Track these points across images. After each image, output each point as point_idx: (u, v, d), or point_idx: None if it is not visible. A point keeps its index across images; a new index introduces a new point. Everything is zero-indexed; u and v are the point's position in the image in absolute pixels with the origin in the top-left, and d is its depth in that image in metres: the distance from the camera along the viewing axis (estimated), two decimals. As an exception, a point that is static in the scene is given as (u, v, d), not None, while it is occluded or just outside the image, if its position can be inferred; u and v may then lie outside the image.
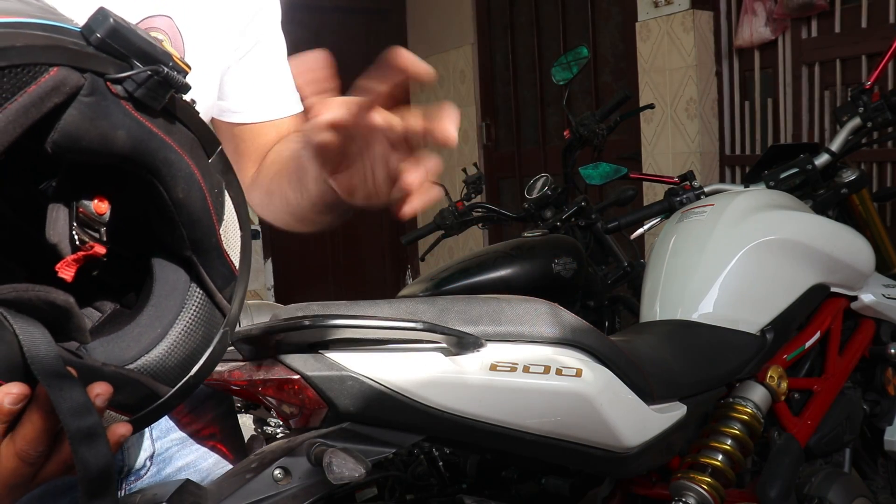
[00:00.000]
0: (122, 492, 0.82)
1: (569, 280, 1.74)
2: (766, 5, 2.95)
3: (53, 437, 0.49)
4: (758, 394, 1.27)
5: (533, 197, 2.07)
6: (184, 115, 0.51)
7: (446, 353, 0.88)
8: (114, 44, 0.46)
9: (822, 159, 1.65)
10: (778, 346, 1.33)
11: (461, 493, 1.31)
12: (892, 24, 2.65)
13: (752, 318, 1.31)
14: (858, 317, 1.52)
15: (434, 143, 0.59)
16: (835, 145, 1.68)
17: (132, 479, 0.83)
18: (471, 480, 1.49)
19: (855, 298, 1.49)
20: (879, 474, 1.62)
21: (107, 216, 0.51)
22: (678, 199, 1.80)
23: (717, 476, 1.18)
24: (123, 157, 0.47)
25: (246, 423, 1.91)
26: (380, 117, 0.60)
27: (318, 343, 0.84)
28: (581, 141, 2.13)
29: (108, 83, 0.46)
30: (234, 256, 0.55)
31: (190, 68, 0.50)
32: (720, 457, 1.20)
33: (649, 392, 1.05)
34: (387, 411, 0.85)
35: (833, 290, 1.43)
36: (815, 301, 1.41)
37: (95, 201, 0.50)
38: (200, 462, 0.89)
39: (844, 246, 1.42)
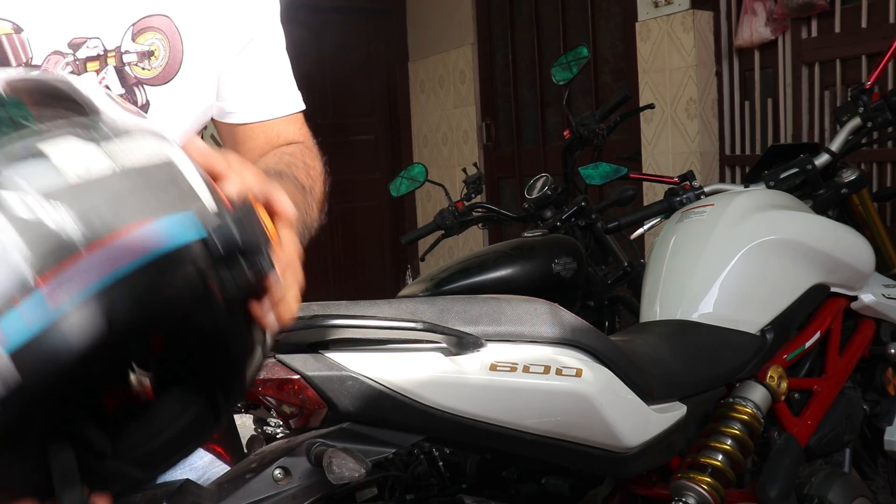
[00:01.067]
0: None
1: (569, 280, 1.74)
2: (766, 5, 2.95)
3: None
4: (758, 394, 1.27)
5: (533, 197, 2.07)
6: None
7: (446, 353, 0.88)
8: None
9: (822, 159, 1.65)
10: (778, 346, 1.33)
11: (461, 493, 1.31)
12: (892, 24, 2.65)
13: (752, 318, 1.31)
14: (858, 317, 1.52)
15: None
16: (835, 145, 1.68)
17: None
18: (471, 480, 1.49)
19: (855, 298, 1.48)
20: (879, 474, 1.62)
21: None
22: (678, 199, 1.80)
23: (717, 476, 1.18)
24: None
25: (246, 423, 1.90)
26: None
27: (318, 343, 0.84)
28: (581, 141, 2.13)
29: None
30: (250, 378, 0.57)
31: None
32: (720, 457, 1.20)
33: (649, 392, 1.05)
34: (387, 411, 0.85)
35: (833, 290, 1.43)
36: (815, 301, 1.41)
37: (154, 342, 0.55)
38: (196, 461, 0.89)
39: (844, 246, 1.42)
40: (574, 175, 2.12)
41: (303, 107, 0.99)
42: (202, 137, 0.94)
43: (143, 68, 0.80)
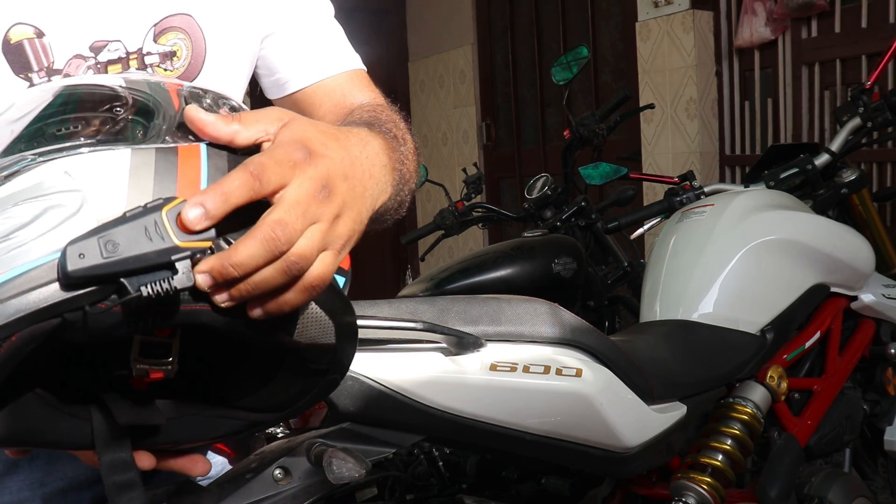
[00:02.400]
0: None
1: (569, 280, 1.74)
2: (766, 5, 2.95)
3: None
4: (758, 394, 1.27)
5: (533, 197, 2.08)
6: None
7: (446, 353, 0.88)
8: (84, 279, 0.45)
9: (822, 159, 1.65)
10: (778, 346, 1.33)
11: (461, 493, 1.32)
12: (892, 24, 2.65)
13: (752, 318, 1.31)
14: (858, 317, 1.52)
15: None
16: (835, 145, 1.68)
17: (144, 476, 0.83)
18: (471, 480, 1.49)
19: (855, 298, 1.48)
20: (879, 474, 1.62)
21: (173, 337, 0.55)
22: (678, 199, 1.80)
23: (717, 476, 1.18)
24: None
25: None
26: None
27: (318, 343, 0.84)
28: (581, 141, 2.13)
29: (93, 309, 0.46)
30: (326, 340, 0.54)
31: (209, 243, 0.47)
32: (720, 457, 1.20)
33: (649, 392, 1.05)
34: (387, 411, 0.85)
35: (833, 290, 1.43)
36: (815, 301, 1.41)
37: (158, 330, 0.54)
38: (209, 456, 0.89)
39: (844, 246, 1.42)
40: (574, 175, 2.12)
41: (363, 66, 0.94)
42: None
43: (166, 69, 0.79)
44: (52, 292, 0.45)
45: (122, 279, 0.45)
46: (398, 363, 0.86)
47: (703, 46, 3.16)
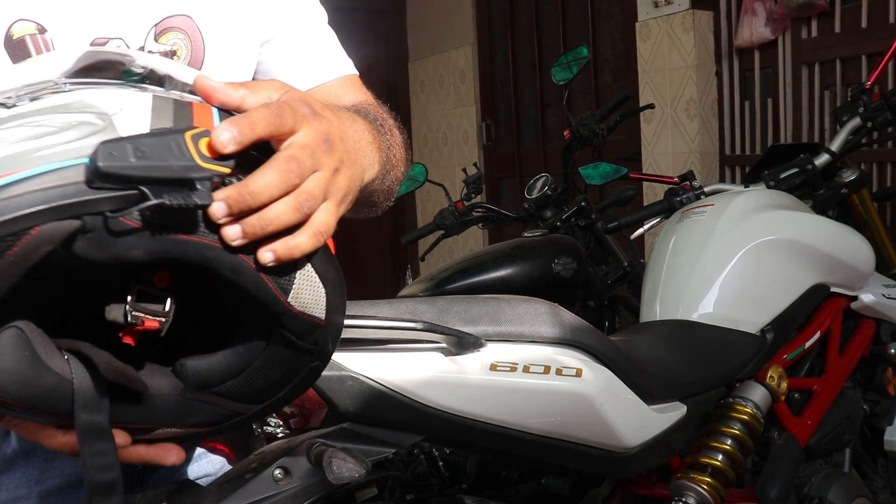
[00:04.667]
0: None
1: (569, 280, 1.74)
2: (766, 5, 2.95)
3: None
4: (758, 394, 1.27)
5: (533, 197, 2.08)
6: None
7: (446, 353, 0.88)
8: (113, 177, 0.45)
9: (822, 159, 1.65)
10: (778, 346, 1.33)
11: (461, 493, 1.32)
12: (892, 24, 2.65)
13: (752, 318, 1.31)
14: (858, 317, 1.52)
15: None
16: (835, 145, 1.68)
17: (145, 476, 0.84)
18: (471, 480, 1.50)
19: (855, 298, 1.49)
20: (879, 474, 1.62)
21: (169, 288, 0.54)
22: (678, 199, 1.80)
23: (717, 476, 1.18)
24: (152, 262, 0.49)
25: (246, 423, 1.90)
26: None
27: (318, 343, 0.84)
28: (581, 141, 2.13)
29: (112, 217, 0.46)
30: (316, 311, 0.55)
31: (229, 169, 0.49)
32: (720, 457, 1.20)
33: (649, 392, 1.06)
34: (387, 411, 0.85)
35: (833, 290, 1.43)
36: (815, 301, 1.41)
37: (156, 276, 0.54)
38: (209, 456, 0.89)
39: (844, 246, 1.42)
40: (574, 175, 2.12)
41: (356, 71, 0.98)
42: None
43: None
44: (78, 190, 0.46)
45: (145, 188, 0.46)
46: (398, 363, 0.86)
47: (703, 46, 3.16)
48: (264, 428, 1.86)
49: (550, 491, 1.38)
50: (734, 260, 1.33)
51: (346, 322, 0.83)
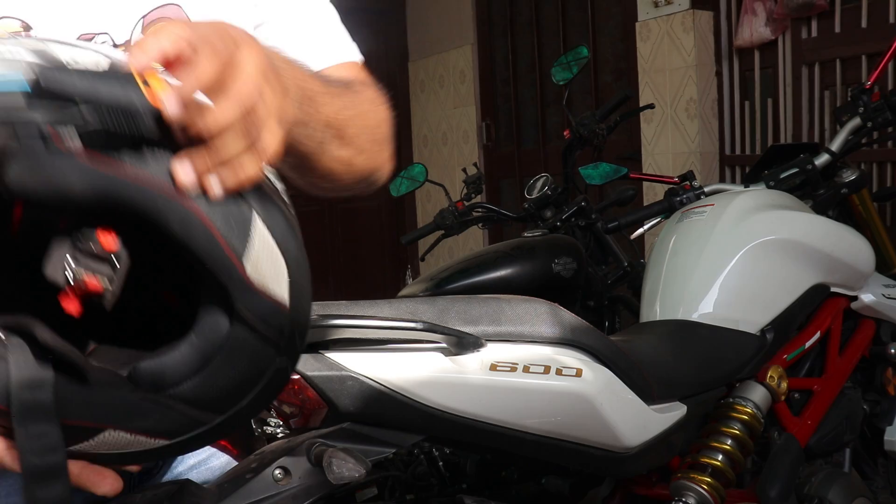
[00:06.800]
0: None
1: (569, 280, 1.74)
2: (766, 5, 2.95)
3: None
4: (758, 394, 1.27)
5: (533, 197, 2.07)
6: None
7: (446, 353, 0.88)
8: (54, 93, 0.44)
9: (822, 159, 1.65)
10: (778, 346, 1.33)
11: (461, 493, 1.31)
12: (892, 24, 2.65)
13: (752, 318, 1.31)
14: (858, 317, 1.52)
15: None
16: (835, 145, 1.68)
17: (145, 478, 0.83)
18: (471, 480, 1.49)
19: (855, 298, 1.48)
20: (879, 474, 1.62)
21: (117, 251, 0.50)
22: (678, 199, 1.80)
23: (717, 476, 1.18)
24: (93, 203, 0.46)
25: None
26: None
27: (318, 343, 0.84)
28: (581, 141, 2.13)
29: (51, 137, 0.44)
30: (277, 290, 0.52)
31: (176, 102, 0.46)
32: (720, 457, 1.20)
33: (649, 392, 1.05)
34: (387, 411, 0.85)
35: (833, 290, 1.43)
36: (815, 301, 1.41)
37: (101, 237, 0.50)
38: (212, 460, 0.89)
39: (844, 246, 1.42)
40: (574, 175, 2.12)
41: (359, 57, 0.93)
42: None
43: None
44: (13, 102, 0.44)
45: (86, 107, 0.44)
46: (398, 363, 0.86)
47: (703, 46, 3.16)
48: (264, 428, 1.86)
49: (550, 491, 1.38)
50: (734, 260, 1.33)
51: (346, 322, 0.83)
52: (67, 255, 0.49)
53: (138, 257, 0.51)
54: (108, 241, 0.50)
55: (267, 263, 0.51)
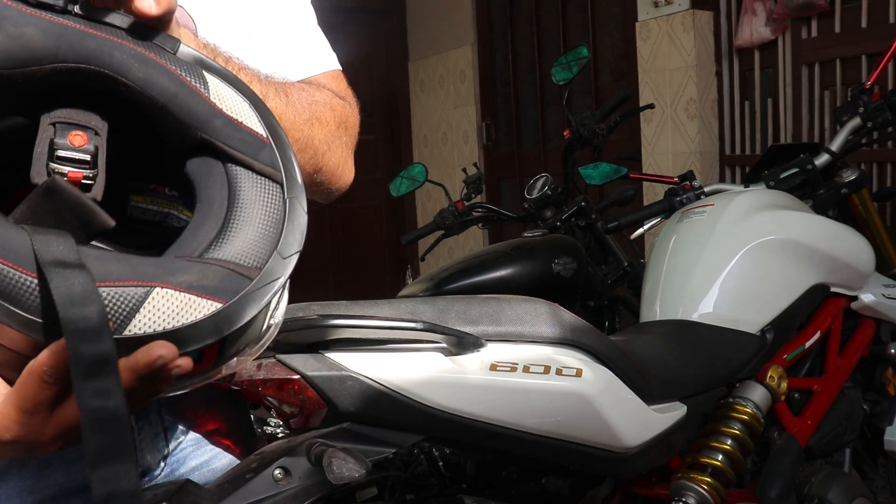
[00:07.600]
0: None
1: (569, 280, 1.74)
2: (766, 5, 2.95)
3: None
4: (758, 394, 1.27)
5: (533, 197, 2.07)
6: (121, 20, 0.51)
7: (446, 353, 0.88)
8: None
9: (822, 159, 1.65)
10: (778, 346, 1.33)
11: (461, 493, 1.31)
12: (892, 24, 2.65)
13: (753, 318, 1.31)
14: (858, 317, 1.52)
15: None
16: (835, 145, 1.68)
17: (146, 479, 0.83)
18: (471, 480, 1.49)
19: (855, 298, 1.49)
20: (879, 474, 1.62)
21: (89, 148, 0.51)
22: (678, 199, 1.80)
23: (717, 476, 1.18)
24: (54, 59, 0.48)
25: (246, 423, 1.90)
26: None
27: (318, 343, 0.84)
28: (581, 141, 2.13)
29: None
30: (250, 122, 0.53)
31: None
32: (720, 457, 1.20)
33: (649, 392, 1.06)
34: (387, 411, 0.85)
35: (833, 290, 1.43)
36: (816, 301, 1.41)
37: (73, 138, 0.51)
38: (214, 462, 0.88)
39: (844, 246, 1.42)
40: (574, 175, 2.12)
41: (337, 66, 0.94)
42: None
43: None
44: None
45: None
46: (398, 363, 0.86)
47: (703, 46, 3.16)
48: (264, 428, 1.86)
49: (550, 491, 1.38)
50: (734, 260, 1.33)
51: (346, 322, 0.83)
52: (48, 161, 0.50)
53: (115, 158, 0.53)
54: (79, 138, 0.51)
55: (228, 98, 0.52)
